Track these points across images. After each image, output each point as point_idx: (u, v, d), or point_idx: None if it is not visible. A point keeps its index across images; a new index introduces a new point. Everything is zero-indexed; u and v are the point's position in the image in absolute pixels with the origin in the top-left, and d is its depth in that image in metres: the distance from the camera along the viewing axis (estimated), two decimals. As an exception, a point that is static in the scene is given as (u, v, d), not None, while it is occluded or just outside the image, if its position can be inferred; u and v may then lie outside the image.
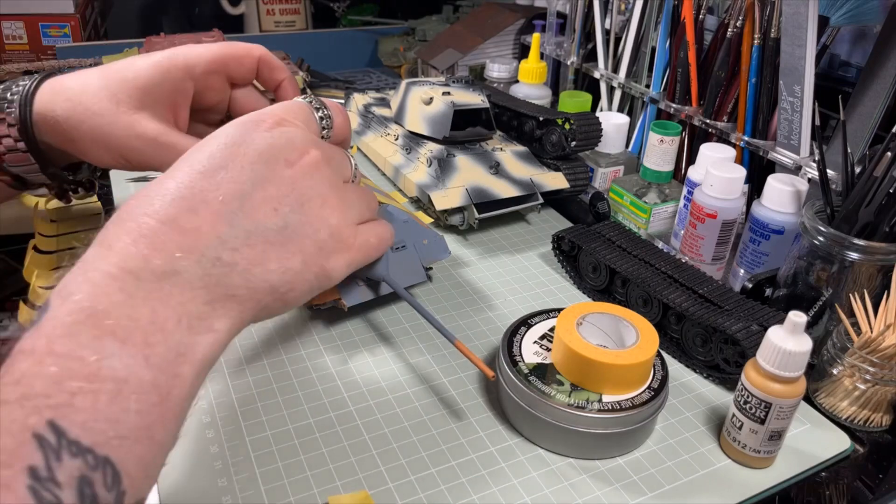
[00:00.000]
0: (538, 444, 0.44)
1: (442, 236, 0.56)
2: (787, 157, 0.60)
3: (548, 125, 0.71)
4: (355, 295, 0.51)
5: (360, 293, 0.51)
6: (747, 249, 0.59)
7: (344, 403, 0.47)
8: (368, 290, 0.52)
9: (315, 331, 0.54)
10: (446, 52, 1.01)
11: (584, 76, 0.90)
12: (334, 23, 1.38)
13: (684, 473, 0.43)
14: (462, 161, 0.67)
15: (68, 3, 1.06)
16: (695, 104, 0.72)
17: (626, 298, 0.57)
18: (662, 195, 0.68)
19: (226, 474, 0.41)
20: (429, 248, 0.55)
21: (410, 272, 0.54)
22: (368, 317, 0.56)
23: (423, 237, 0.55)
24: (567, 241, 0.61)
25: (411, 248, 0.54)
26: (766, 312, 0.49)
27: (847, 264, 0.48)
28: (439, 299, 0.58)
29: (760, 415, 0.41)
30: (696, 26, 0.69)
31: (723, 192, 0.58)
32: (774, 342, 0.39)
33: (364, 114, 0.82)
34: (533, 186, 0.68)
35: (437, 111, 0.69)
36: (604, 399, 0.42)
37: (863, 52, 0.64)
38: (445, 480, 0.41)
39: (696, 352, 0.51)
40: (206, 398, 0.46)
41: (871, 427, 0.47)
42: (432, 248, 0.55)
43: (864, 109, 0.55)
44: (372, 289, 0.52)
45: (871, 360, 0.45)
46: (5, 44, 1.05)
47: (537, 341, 0.47)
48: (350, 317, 0.55)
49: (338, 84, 1.09)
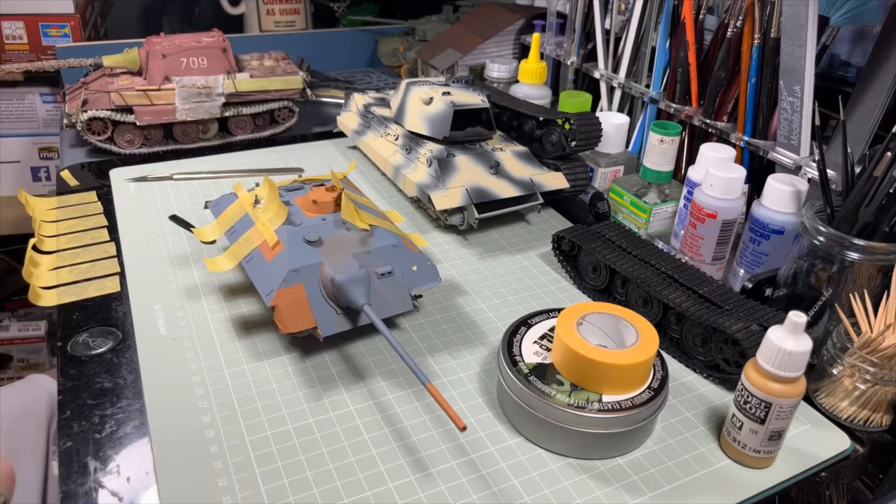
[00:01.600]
0: (538, 444, 0.44)
1: (433, 263, 0.53)
2: (787, 157, 0.60)
3: (548, 125, 0.71)
4: (331, 325, 0.49)
5: (337, 323, 0.49)
6: (747, 249, 0.59)
7: (344, 403, 0.47)
8: (346, 319, 0.49)
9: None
10: (446, 52, 1.01)
11: (584, 76, 0.90)
12: (334, 23, 1.38)
13: (684, 473, 0.43)
14: (462, 161, 0.67)
15: (68, 3, 1.06)
16: (695, 104, 0.72)
17: (626, 298, 0.57)
18: (662, 195, 0.68)
19: (226, 474, 0.41)
20: (418, 275, 0.52)
21: (396, 300, 0.51)
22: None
23: (412, 263, 0.52)
24: (567, 241, 0.61)
25: (399, 274, 0.51)
26: (766, 312, 0.49)
27: (847, 264, 0.48)
28: (439, 299, 0.58)
29: (760, 415, 0.41)
30: (696, 26, 0.69)
31: (723, 192, 0.58)
32: (774, 342, 0.39)
33: (364, 114, 0.82)
34: (533, 186, 0.68)
35: (437, 111, 0.69)
36: (604, 399, 0.42)
37: (863, 52, 0.64)
38: (445, 480, 0.41)
39: (696, 352, 0.51)
40: (206, 398, 0.46)
41: (871, 427, 0.47)
42: (421, 275, 0.52)
43: (864, 109, 0.55)
44: (350, 319, 0.50)
45: (871, 360, 0.45)
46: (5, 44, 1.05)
47: (537, 341, 0.47)
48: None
49: (338, 84, 1.09)
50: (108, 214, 0.68)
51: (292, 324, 0.47)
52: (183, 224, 0.62)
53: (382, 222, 0.55)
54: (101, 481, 0.40)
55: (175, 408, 0.46)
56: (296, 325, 0.47)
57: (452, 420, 0.39)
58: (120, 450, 0.43)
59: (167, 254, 0.62)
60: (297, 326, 0.47)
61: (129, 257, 0.62)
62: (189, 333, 0.53)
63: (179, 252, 0.63)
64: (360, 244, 0.51)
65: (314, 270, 0.49)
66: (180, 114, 0.82)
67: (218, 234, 0.57)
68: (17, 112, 1.20)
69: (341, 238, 0.52)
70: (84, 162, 0.81)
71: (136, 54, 0.81)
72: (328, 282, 0.49)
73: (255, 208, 0.55)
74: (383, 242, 0.52)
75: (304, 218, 0.54)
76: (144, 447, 0.43)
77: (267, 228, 0.52)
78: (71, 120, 0.81)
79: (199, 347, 0.51)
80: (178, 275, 0.59)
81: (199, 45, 0.81)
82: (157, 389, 0.47)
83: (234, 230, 0.56)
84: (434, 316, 0.56)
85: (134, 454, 0.42)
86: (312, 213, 0.55)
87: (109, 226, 0.67)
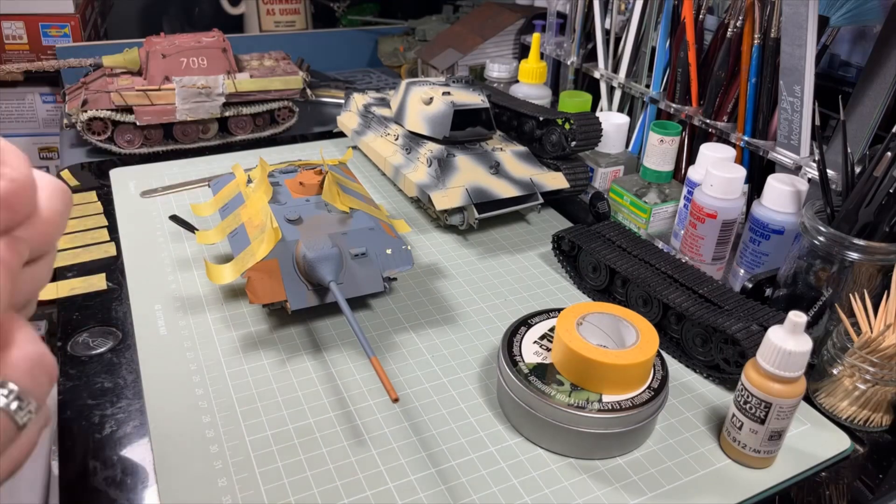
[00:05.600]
0: (538, 444, 0.44)
1: (408, 247, 0.55)
2: (787, 157, 0.60)
3: (548, 125, 0.71)
4: (300, 299, 0.51)
5: (306, 297, 0.51)
6: (747, 249, 0.59)
7: (344, 403, 0.47)
8: (315, 295, 0.52)
9: (315, 330, 0.54)
10: (446, 52, 1.01)
11: (584, 76, 0.90)
12: (334, 23, 1.38)
13: (684, 473, 0.43)
14: (462, 161, 0.67)
15: (68, 3, 1.06)
16: (695, 104, 0.72)
17: (626, 298, 0.57)
18: (662, 195, 0.68)
19: (226, 474, 0.41)
20: (391, 259, 0.54)
21: (367, 281, 0.53)
22: (365, 315, 0.56)
23: (387, 247, 0.54)
24: (567, 241, 0.61)
25: (373, 256, 0.54)
26: (766, 312, 0.49)
27: (847, 264, 0.48)
28: (439, 299, 0.58)
29: (760, 415, 0.41)
30: (696, 26, 0.69)
31: (723, 192, 0.58)
32: (774, 342, 0.39)
33: (364, 114, 0.82)
34: (533, 186, 0.68)
35: (437, 111, 0.69)
36: (604, 399, 0.42)
37: (863, 52, 0.64)
38: (445, 480, 0.41)
39: (696, 352, 0.51)
40: (206, 398, 0.46)
41: (871, 427, 0.47)
42: (395, 258, 0.54)
43: (864, 109, 0.55)
44: (318, 295, 0.52)
45: (871, 360, 0.45)
46: (5, 44, 1.05)
47: (537, 341, 0.47)
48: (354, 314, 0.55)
49: (338, 84, 1.09)
50: (108, 214, 0.68)
51: (264, 295, 0.50)
52: (183, 224, 0.62)
53: (364, 206, 0.57)
54: (101, 481, 0.40)
55: (175, 408, 0.46)
56: (267, 296, 0.50)
57: (387, 391, 0.40)
58: (120, 450, 0.43)
59: (167, 254, 0.62)
60: (267, 298, 0.50)
61: (129, 257, 0.62)
62: (189, 333, 0.53)
63: (179, 252, 0.63)
64: (338, 225, 0.54)
65: (289, 247, 0.51)
66: (180, 114, 0.82)
67: (220, 237, 0.58)
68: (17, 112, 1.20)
69: (321, 218, 0.54)
70: (84, 162, 0.81)
71: (136, 54, 0.81)
72: (301, 258, 0.51)
73: (248, 188, 0.59)
74: (361, 225, 0.54)
75: (290, 198, 0.57)
76: (144, 447, 0.43)
77: (253, 205, 0.56)
78: (71, 120, 0.81)
79: (199, 347, 0.51)
80: (178, 275, 0.59)
81: (199, 45, 0.81)
82: (157, 389, 0.47)
83: (227, 207, 0.60)
84: (434, 316, 0.56)
85: (134, 454, 0.42)
86: (298, 194, 0.57)
87: (109, 226, 0.67)
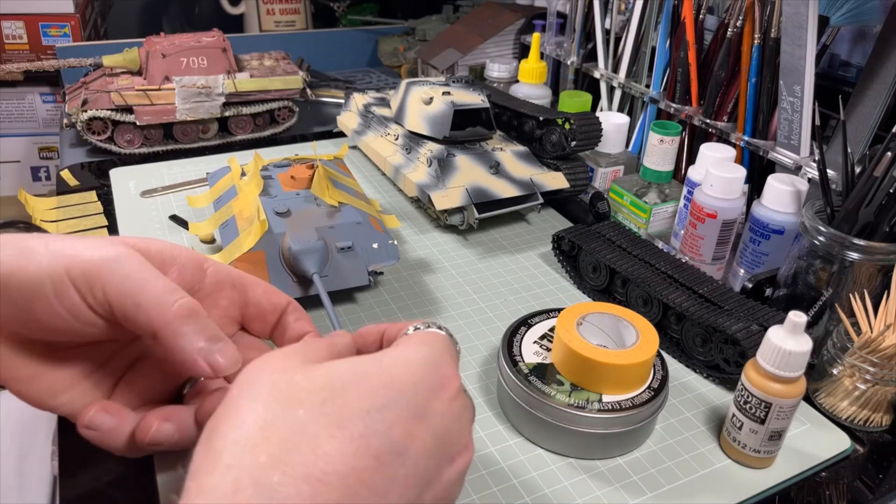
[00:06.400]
0: (538, 444, 0.44)
1: (394, 242, 0.56)
2: (787, 157, 0.60)
3: (548, 125, 0.71)
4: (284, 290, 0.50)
5: (290, 289, 0.52)
6: (747, 249, 0.59)
7: (344, 403, 0.47)
8: (299, 287, 0.53)
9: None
10: (446, 52, 1.01)
11: (584, 76, 0.90)
12: (334, 23, 1.38)
13: (684, 473, 0.43)
14: (462, 161, 0.67)
15: (68, 3, 1.06)
16: (695, 104, 0.72)
17: (626, 298, 0.57)
18: (662, 195, 0.68)
19: (226, 474, 0.41)
20: (377, 253, 0.55)
21: (353, 274, 0.54)
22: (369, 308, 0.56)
23: (374, 241, 0.55)
24: (567, 241, 0.61)
25: (359, 250, 0.54)
26: (766, 312, 0.49)
27: (847, 264, 0.48)
28: (439, 299, 0.58)
29: (760, 415, 0.41)
30: (696, 26, 0.69)
31: (723, 192, 0.58)
32: (774, 342, 0.39)
33: (364, 114, 0.82)
34: (533, 186, 0.68)
35: (437, 111, 0.69)
36: (604, 399, 0.42)
37: (863, 52, 0.64)
38: (445, 480, 0.41)
39: (696, 352, 0.51)
40: (206, 398, 0.46)
41: (871, 427, 0.47)
42: (381, 253, 0.55)
43: (864, 109, 0.55)
44: (302, 287, 0.53)
45: (871, 360, 0.45)
46: (5, 44, 1.05)
47: (537, 341, 0.47)
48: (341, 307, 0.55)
49: (338, 84, 1.09)
50: (108, 214, 0.68)
51: None
52: (183, 224, 0.62)
53: (354, 200, 0.58)
54: (100, 481, 0.40)
55: (175, 408, 0.45)
56: None
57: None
58: (120, 450, 0.42)
59: (167, 254, 0.62)
60: None
61: (129, 257, 0.62)
62: (189, 333, 0.52)
63: (179, 252, 0.63)
64: (326, 218, 0.55)
65: (276, 239, 0.52)
66: (180, 114, 0.82)
67: (212, 228, 0.59)
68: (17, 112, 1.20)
69: (309, 212, 0.55)
70: (84, 162, 0.81)
71: (136, 54, 0.81)
72: (287, 250, 0.51)
73: (241, 180, 0.60)
74: (348, 219, 0.55)
75: (281, 191, 0.57)
76: (144, 447, 0.43)
77: (244, 198, 0.56)
78: (71, 120, 0.81)
79: (199, 347, 0.51)
80: (178, 275, 0.59)
81: (199, 45, 0.81)
82: (157, 389, 0.47)
83: (221, 199, 0.61)
84: (434, 316, 0.56)
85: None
86: (289, 188, 0.58)
87: (109, 226, 0.66)
